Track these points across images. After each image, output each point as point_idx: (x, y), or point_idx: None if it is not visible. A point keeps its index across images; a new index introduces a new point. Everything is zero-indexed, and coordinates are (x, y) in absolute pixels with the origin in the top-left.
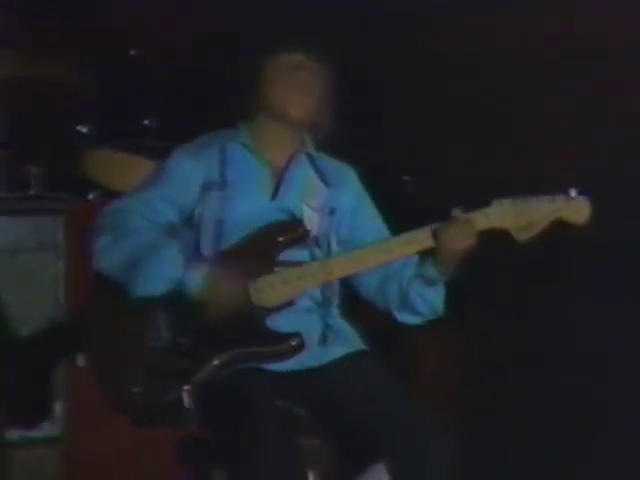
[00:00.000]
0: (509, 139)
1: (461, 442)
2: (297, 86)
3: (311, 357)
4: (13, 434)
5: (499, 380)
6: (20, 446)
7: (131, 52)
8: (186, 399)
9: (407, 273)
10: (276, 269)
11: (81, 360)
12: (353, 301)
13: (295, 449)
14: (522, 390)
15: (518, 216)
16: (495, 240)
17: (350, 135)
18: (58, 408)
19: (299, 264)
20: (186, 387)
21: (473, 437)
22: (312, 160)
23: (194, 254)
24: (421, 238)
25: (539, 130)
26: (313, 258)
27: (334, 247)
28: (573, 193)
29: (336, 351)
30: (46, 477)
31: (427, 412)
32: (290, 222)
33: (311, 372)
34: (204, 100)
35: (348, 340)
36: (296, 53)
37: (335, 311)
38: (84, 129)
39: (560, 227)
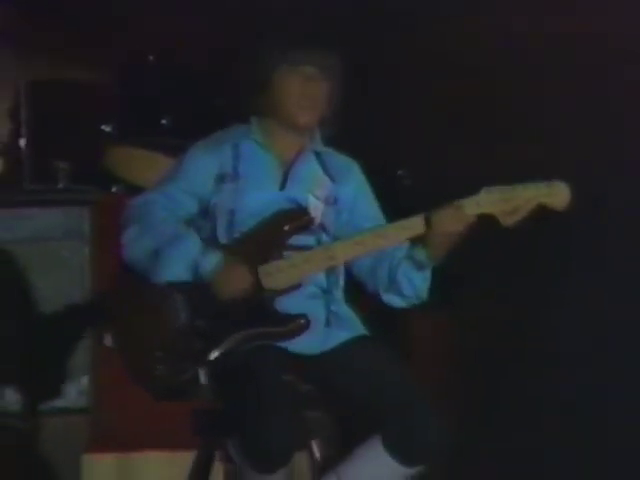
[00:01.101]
0: (495, 136)
1: (455, 421)
2: (307, 98)
3: (316, 341)
4: (45, 405)
5: (493, 363)
6: (51, 415)
7: (150, 57)
8: (202, 376)
9: (398, 254)
10: (284, 254)
11: (107, 340)
12: (355, 288)
13: (299, 420)
14: (516, 374)
15: (504, 202)
16: (490, 227)
17: (350, 131)
18: (85, 382)
19: (305, 249)
20: (202, 365)
21: (467, 417)
22: (319, 155)
23: (210, 242)
24: (415, 224)
25: (524, 125)
26: (319, 244)
27: (337, 233)
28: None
29: (340, 335)
30: (74, 445)
31: (422, 392)
32: (296, 210)
33: (316, 355)
34: (217, 100)
35: (351, 325)
36: (306, 65)
37: (339, 297)
38: (107, 128)
39: (558, 214)
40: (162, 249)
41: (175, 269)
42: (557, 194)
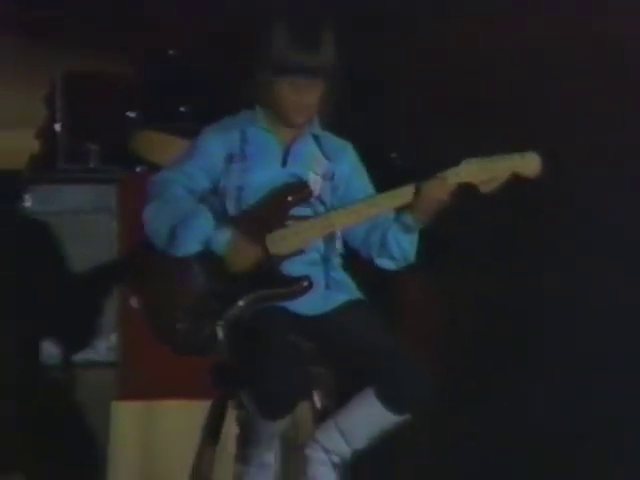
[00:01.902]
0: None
1: (440, 376)
2: (302, 105)
3: (317, 303)
4: (79, 358)
5: (478, 326)
6: (85, 368)
7: (170, 52)
8: (219, 333)
9: (387, 223)
10: (287, 223)
11: (133, 301)
12: (351, 256)
13: (302, 374)
14: (504, 336)
15: (482, 172)
16: (479, 199)
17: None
18: (114, 338)
19: (306, 219)
20: (219, 324)
21: (453, 375)
22: (316, 138)
23: (221, 216)
24: (404, 193)
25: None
26: (317, 214)
27: (333, 206)
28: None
29: (338, 298)
30: (104, 393)
31: (410, 350)
32: (297, 184)
33: (318, 316)
34: (227, 88)
35: (348, 289)
36: (299, 76)
37: (337, 264)
38: (132, 115)
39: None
40: (178, 226)
41: (189, 245)
42: (529, 164)
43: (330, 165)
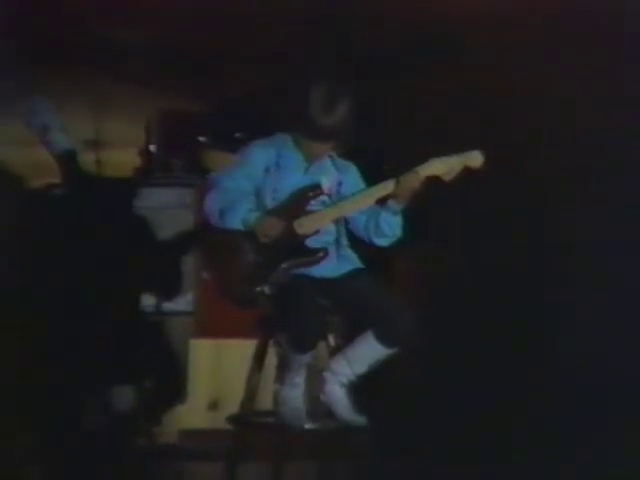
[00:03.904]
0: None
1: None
2: (321, 150)
3: (331, 270)
4: (167, 307)
5: (461, 290)
6: (171, 315)
7: (229, 97)
8: (265, 292)
9: (377, 212)
10: (307, 212)
11: (206, 274)
12: (355, 239)
13: (321, 321)
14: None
15: (443, 166)
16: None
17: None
18: (191, 296)
19: (320, 210)
20: (265, 285)
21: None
22: (331, 157)
23: (260, 208)
24: (389, 185)
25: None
26: (327, 207)
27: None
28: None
29: (346, 267)
30: (185, 334)
31: (399, 302)
32: (314, 186)
33: (331, 279)
34: (268, 122)
35: (353, 261)
36: (321, 139)
37: (345, 243)
38: (203, 139)
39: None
40: (224, 209)
41: (232, 222)
42: (475, 159)
43: (339, 175)
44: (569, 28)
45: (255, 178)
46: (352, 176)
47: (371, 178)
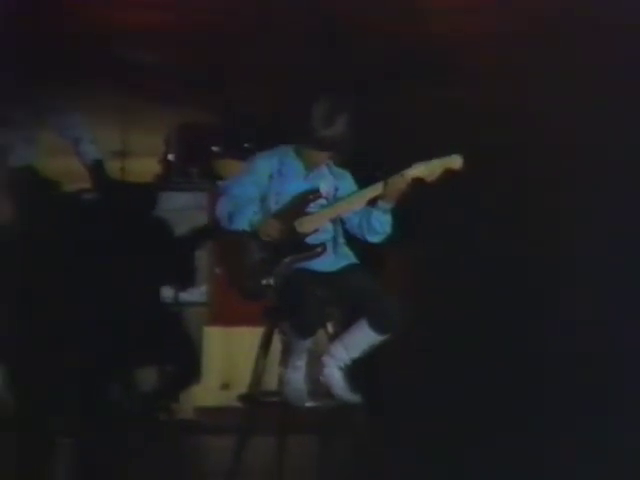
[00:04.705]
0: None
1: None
2: (320, 159)
3: (329, 264)
4: (183, 298)
5: (444, 282)
6: (188, 305)
7: (239, 110)
8: (270, 284)
9: (369, 212)
10: (307, 213)
11: (218, 270)
12: (350, 237)
13: (320, 311)
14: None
15: (426, 169)
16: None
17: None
18: (205, 288)
19: (319, 210)
20: (270, 279)
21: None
22: (329, 166)
23: (265, 211)
24: (378, 187)
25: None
26: (324, 208)
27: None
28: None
29: (342, 262)
30: (200, 322)
31: (387, 294)
32: (313, 190)
33: (329, 273)
34: (273, 134)
35: (349, 257)
36: (321, 148)
37: (341, 242)
38: (216, 149)
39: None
40: (233, 212)
41: (240, 224)
42: (455, 162)
43: (335, 181)
44: (553, 45)
45: (260, 185)
46: (347, 182)
47: (364, 184)
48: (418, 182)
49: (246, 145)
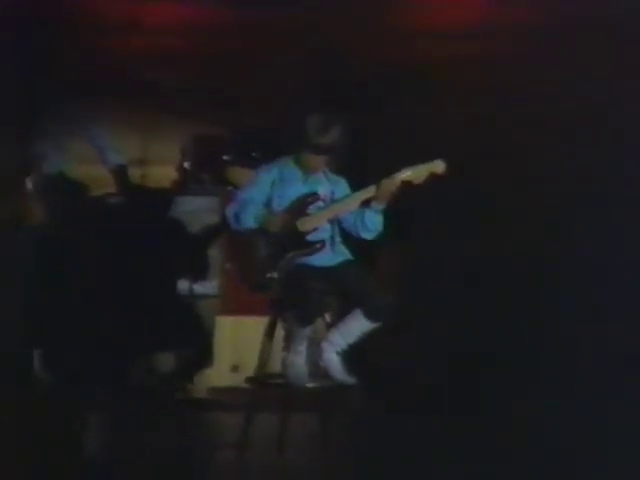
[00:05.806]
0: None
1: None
2: (317, 164)
3: (327, 260)
4: (197, 290)
5: (430, 276)
6: (201, 297)
7: (246, 125)
8: (275, 277)
9: (362, 212)
10: (307, 213)
11: (228, 265)
12: (346, 235)
13: (319, 302)
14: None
15: (414, 173)
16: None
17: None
18: (217, 281)
19: (317, 211)
20: (274, 273)
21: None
22: (325, 173)
23: (269, 212)
24: (371, 189)
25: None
26: (322, 209)
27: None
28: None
29: (339, 258)
30: (213, 312)
31: (380, 286)
32: (311, 193)
33: (327, 267)
34: (277, 146)
35: (345, 254)
36: (316, 153)
37: (338, 240)
38: (227, 157)
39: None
40: (239, 212)
41: (247, 221)
42: (438, 167)
43: (331, 186)
44: (536, 64)
45: (264, 191)
46: (342, 187)
47: (358, 189)
48: (407, 185)
49: (253, 154)
